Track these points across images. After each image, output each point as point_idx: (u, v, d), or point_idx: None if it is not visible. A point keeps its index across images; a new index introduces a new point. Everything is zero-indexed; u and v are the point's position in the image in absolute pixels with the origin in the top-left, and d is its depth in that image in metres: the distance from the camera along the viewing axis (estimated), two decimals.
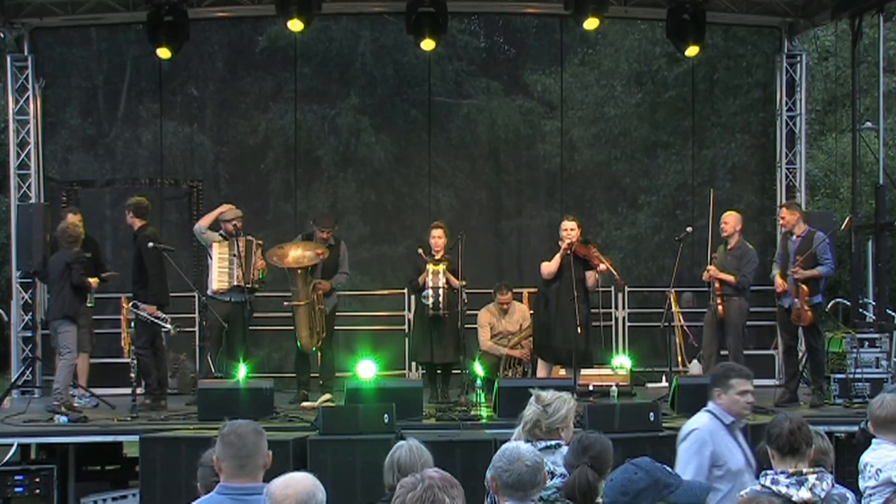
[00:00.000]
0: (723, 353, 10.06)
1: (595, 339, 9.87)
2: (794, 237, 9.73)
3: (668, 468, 3.10)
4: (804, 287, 9.45)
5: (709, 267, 9.92)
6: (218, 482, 3.78)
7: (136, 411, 9.05)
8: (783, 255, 9.87)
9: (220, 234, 10.02)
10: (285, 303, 10.09)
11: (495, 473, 3.89)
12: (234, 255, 9.81)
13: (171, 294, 9.99)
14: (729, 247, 9.96)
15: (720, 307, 9.78)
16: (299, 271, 9.79)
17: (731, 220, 9.96)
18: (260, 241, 10.14)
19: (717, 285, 9.82)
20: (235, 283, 9.79)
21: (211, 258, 10.04)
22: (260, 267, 9.98)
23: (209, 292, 10.02)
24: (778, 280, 9.77)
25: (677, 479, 3.06)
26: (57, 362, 9.45)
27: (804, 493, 4.04)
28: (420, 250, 9.98)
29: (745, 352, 10.38)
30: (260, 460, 3.77)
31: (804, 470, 4.12)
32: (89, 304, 9.92)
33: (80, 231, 9.72)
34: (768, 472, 4.12)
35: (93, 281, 9.79)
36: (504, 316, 10.54)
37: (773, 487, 4.05)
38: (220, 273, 9.85)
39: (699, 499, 3.29)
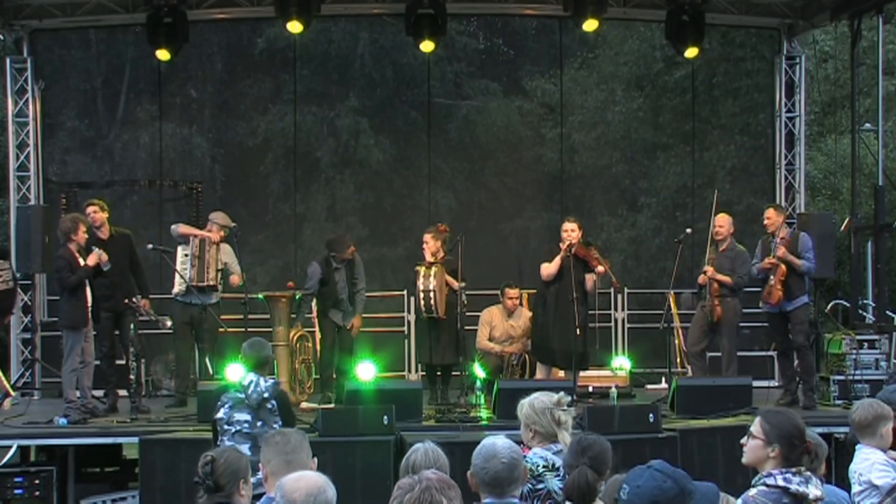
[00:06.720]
0: (715, 353, 10.06)
1: (592, 341, 9.86)
2: (778, 238, 9.62)
3: (684, 472, 3.10)
4: (783, 266, 9.44)
5: (706, 268, 9.90)
6: None
7: (135, 413, 9.03)
8: (763, 253, 9.78)
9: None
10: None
11: (473, 471, 3.86)
12: (188, 256, 9.70)
13: (170, 295, 9.94)
14: (721, 248, 9.93)
15: (718, 308, 9.77)
16: (280, 304, 9.71)
17: (725, 224, 9.93)
18: (216, 240, 9.87)
19: (714, 286, 9.82)
20: (193, 284, 9.57)
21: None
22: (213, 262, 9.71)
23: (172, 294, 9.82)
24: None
25: (694, 485, 3.08)
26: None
27: (815, 491, 3.98)
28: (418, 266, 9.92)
29: (743, 353, 10.39)
30: (305, 458, 3.91)
31: (801, 469, 4.09)
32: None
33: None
34: (772, 472, 4.04)
35: (91, 262, 8.93)
36: (509, 318, 10.53)
37: (790, 487, 3.97)
38: (179, 275, 9.67)
39: (713, 501, 3.30)
